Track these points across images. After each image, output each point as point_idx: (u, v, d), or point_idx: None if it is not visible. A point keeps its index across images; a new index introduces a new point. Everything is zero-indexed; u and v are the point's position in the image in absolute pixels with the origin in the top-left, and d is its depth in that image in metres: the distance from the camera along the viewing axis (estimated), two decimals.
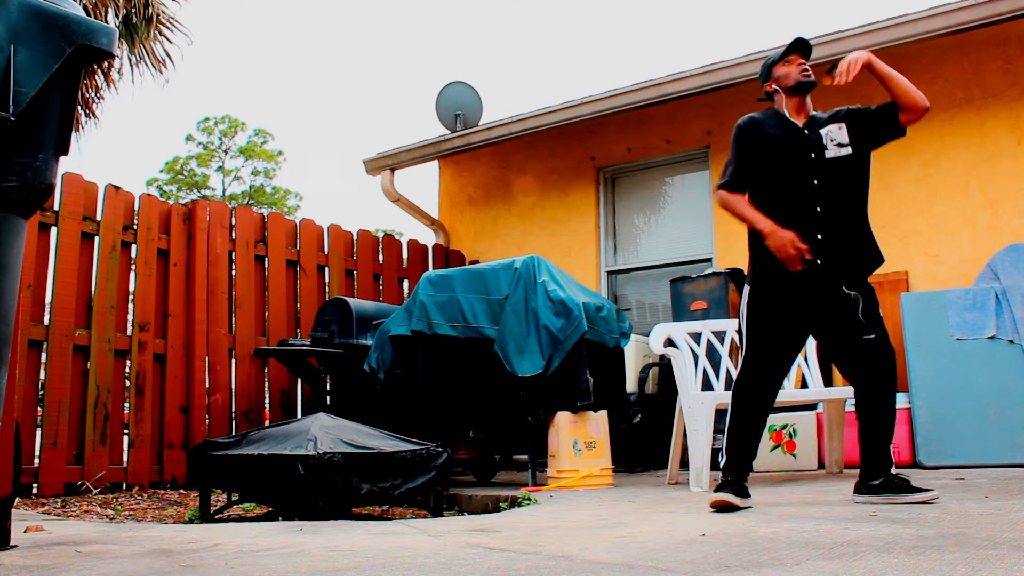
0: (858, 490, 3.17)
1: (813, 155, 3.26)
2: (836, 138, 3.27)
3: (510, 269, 4.82)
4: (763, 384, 3.23)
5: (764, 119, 3.40)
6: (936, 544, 2.10)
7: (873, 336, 3.16)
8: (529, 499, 3.94)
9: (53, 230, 4.81)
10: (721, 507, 3.03)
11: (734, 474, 3.16)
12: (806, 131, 3.31)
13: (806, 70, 3.33)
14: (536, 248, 6.98)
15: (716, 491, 3.11)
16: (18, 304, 2.20)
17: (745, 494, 3.12)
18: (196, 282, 5.44)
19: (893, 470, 3.13)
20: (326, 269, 6.33)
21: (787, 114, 3.35)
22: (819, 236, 3.20)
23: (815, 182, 3.24)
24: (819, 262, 3.17)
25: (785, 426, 5.14)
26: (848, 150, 3.26)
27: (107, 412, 4.86)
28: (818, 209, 3.23)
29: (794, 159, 3.29)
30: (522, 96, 49.43)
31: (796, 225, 3.18)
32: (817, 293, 3.21)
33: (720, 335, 4.67)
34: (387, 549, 2.34)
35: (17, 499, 3.77)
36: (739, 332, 3.40)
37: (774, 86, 3.40)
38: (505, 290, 4.77)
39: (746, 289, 3.35)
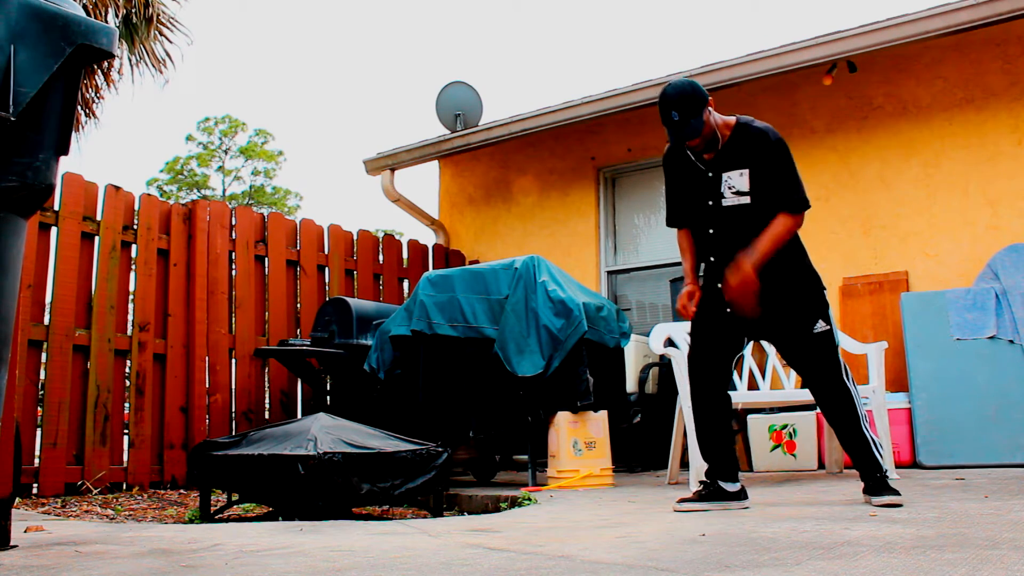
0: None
1: (711, 202, 3.13)
2: (735, 185, 3.09)
3: (510, 269, 4.81)
4: (703, 381, 3.20)
5: (675, 151, 3.26)
6: (936, 544, 2.10)
7: (815, 370, 3.13)
8: (529, 499, 3.94)
9: (53, 230, 4.81)
10: (683, 512, 3.04)
11: (711, 477, 3.15)
12: (709, 173, 3.14)
13: (692, 150, 3.14)
14: (536, 248, 6.98)
15: (681, 498, 3.14)
16: (18, 304, 2.20)
17: (723, 497, 3.09)
18: (196, 282, 5.44)
19: (879, 472, 3.09)
20: (326, 269, 6.33)
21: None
22: (719, 285, 3.17)
23: (710, 231, 3.17)
24: (728, 310, 3.15)
25: (785, 426, 5.14)
26: (747, 199, 3.07)
27: (107, 412, 4.86)
28: (712, 259, 3.20)
29: (695, 203, 3.21)
30: (522, 96, 49.45)
31: (706, 269, 3.24)
32: (747, 321, 3.19)
33: None
34: (387, 549, 2.34)
35: (17, 499, 3.77)
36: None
37: None
38: (505, 290, 4.77)
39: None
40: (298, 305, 6.15)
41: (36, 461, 4.55)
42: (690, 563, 1.95)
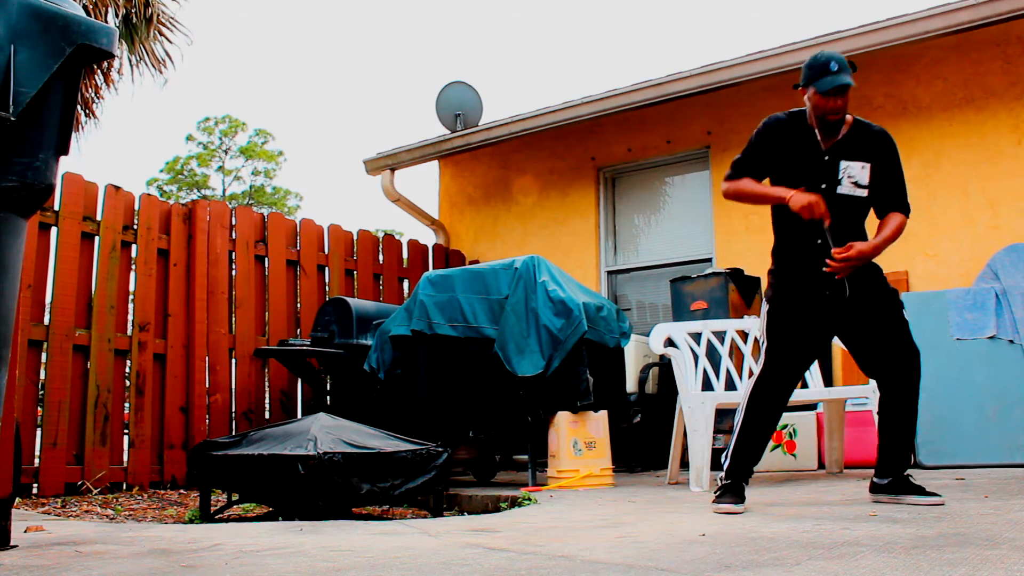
0: (871, 487, 3.18)
1: (824, 186, 3.12)
2: (855, 177, 3.13)
3: (510, 269, 4.81)
4: (780, 392, 3.19)
5: (790, 125, 3.22)
6: (936, 544, 2.10)
7: (898, 338, 3.13)
8: (529, 499, 3.94)
9: (53, 230, 4.81)
10: (725, 514, 3.01)
11: (736, 478, 3.14)
12: (826, 156, 3.15)
13: (835, 112, 3.10)
14: (536, 248, 6.98)
15: (719, 498, 3.10)
16: (18, 304, 2.20)
17: (744, 498, 3.10)
18: (196, 282, 5.44)
19: (907, 471, 3.11)
20: (326, 269, 6.33)
21: (815, 129, 3.17)
22: (824, 269, 3.13)
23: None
24: (827, 292, 3.14)
25: (785, 426, 5.14)
26: (864, 192, 3.14)
27: (107, 412, 4.86)
28: (819, 242, 3.16)
29: (804, 182, 3.15)
30: (522, 96, 49.47)
31: (799, 252, 3.18)
32: (834, 301, 3.17)
33: (720, 335, 4.67)
34: (387, 549, 2.34)
35: (17, 499, 3.77)
36: (757, 341, 3.37)
37: (805, 98, 3.17)
38: (505, 290, 4.77)
39: (764, 304, 3.29)
40: (298, 305, 6.15)
41: (36, 461, 4.55)
42: (690, 563, 1.95)
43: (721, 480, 3.18)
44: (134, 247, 5.25)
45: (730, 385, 4.68)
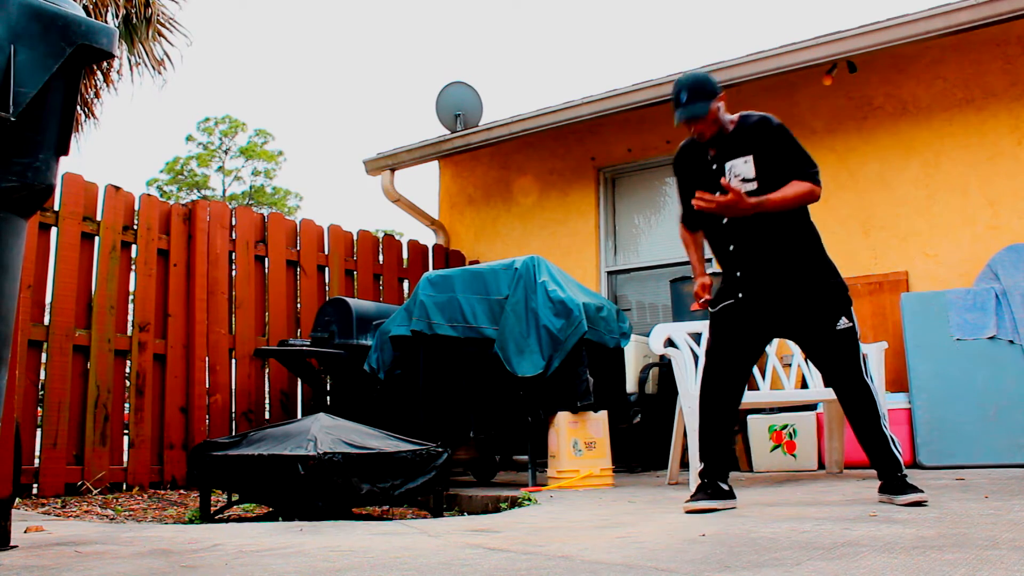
0: (878, 488, 3.19)
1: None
2: (740, 173, 3.12)
3: (510, 269, 4.82)
4: (721, 391, 3.22)
5: (688, 148, 3.34)
6: (936, 544, 2.10)
7: (834, 361, 3.14)
8: (529, 499, 3.94)
9: (53, 230, 4.81)
10: (696, 512, 3.02)
11: (709, 476, 3.15)
12: (714, 165, 3.19)
13: (699, 136, 3.17)
14: (536, 248, 6.98)
15: (691, 497, 3.11)
16: (18, 304, 2.20)
17: (722, 496, 3.11)
18: (196, 282, 5.44)
19: (900, 472, 3.10)
20: (326, 269, 6.33)
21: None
22: (737, 274, 3.20)
23: (724, 221, 3.18)
24: (740, 295, 3.18)
25: (785, 426, 5.14)
26: (753, 185, 3.09)
27: (107, 412, 4.86)
28: (731, 248, 3.20)
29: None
30: (522, 96, 49.45)
31: (720, 261, 3.27)
32: (759, 304, 3.19)
33: None
34: (387, 549, 2.34)
35: (17, 499, 3.77)
36: None
37: None
38: (505, 290, 4.77)
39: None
40: (298, 305, 6.14)
41: (36, 461, 4.55)
42: (690, 563, 1.95)
43: (697, 483, 3.21)
44: (134, 247, 5.25)
45: None
